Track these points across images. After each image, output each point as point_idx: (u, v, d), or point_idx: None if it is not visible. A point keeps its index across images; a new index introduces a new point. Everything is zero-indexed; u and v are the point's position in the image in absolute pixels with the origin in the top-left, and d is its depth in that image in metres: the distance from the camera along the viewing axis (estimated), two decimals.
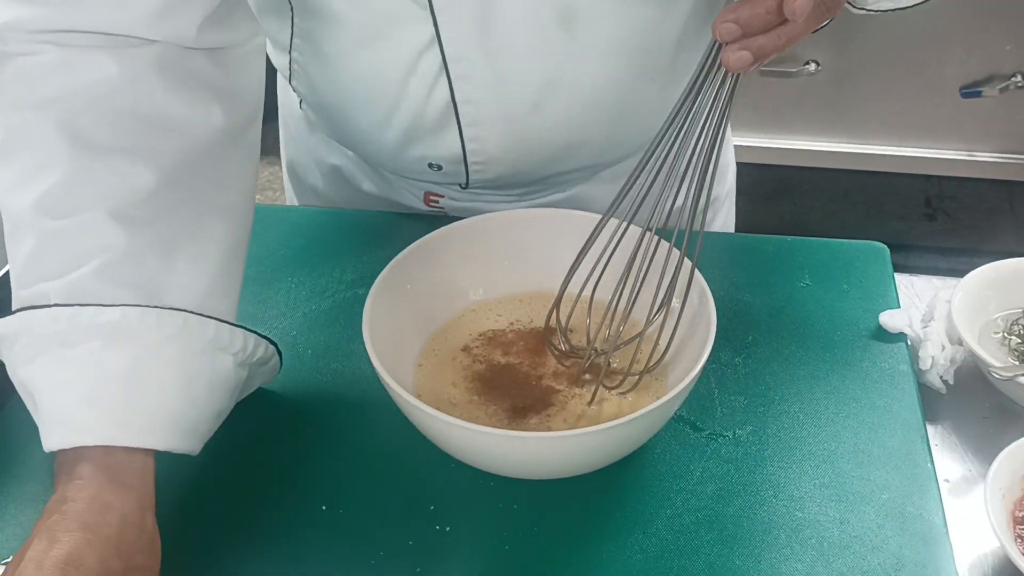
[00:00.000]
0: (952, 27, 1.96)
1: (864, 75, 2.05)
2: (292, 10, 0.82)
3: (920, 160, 2.22)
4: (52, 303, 0.64)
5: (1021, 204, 2.51)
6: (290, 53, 0.87)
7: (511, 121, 0.83)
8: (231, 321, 0.69)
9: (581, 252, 0.74)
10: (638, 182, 0.69)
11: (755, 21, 0.61)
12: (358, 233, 0.96)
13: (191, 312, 0.66)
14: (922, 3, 0.79)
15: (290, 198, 1.13)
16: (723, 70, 0.64)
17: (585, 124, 0.85)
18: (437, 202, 0.99)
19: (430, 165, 0.88)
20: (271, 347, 0.74)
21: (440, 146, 0.85)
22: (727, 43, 0.62)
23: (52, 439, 0.63)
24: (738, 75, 0.65)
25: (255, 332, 0.71)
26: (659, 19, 0.79)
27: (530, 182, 0.93)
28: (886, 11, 0.81)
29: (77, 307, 0.63)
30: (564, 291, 0.75)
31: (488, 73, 0.79)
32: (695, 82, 0.65)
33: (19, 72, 0.67)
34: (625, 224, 0.72)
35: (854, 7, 0.83)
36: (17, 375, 0.65)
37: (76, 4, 0.66)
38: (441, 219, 0.86)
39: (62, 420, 0.62)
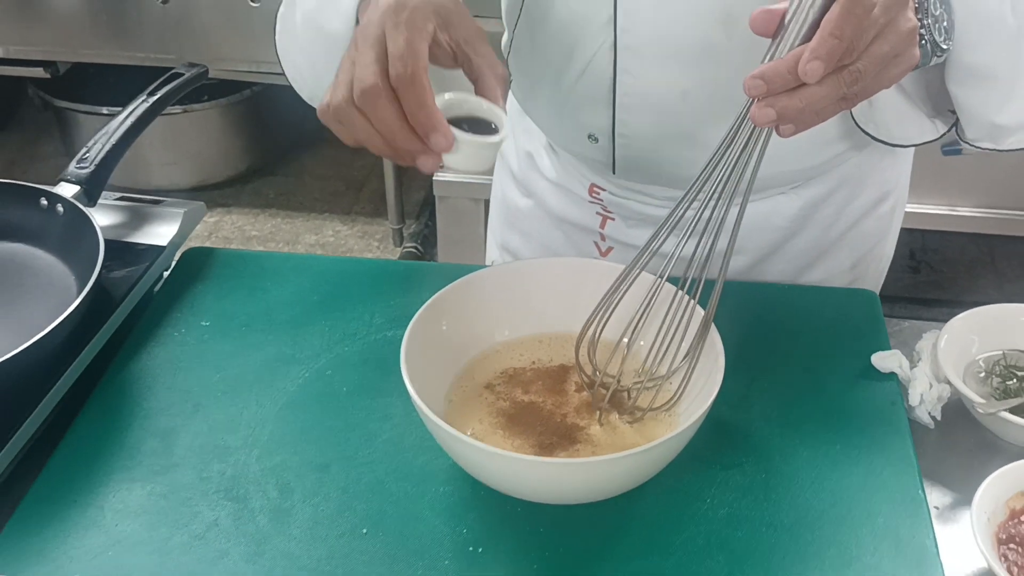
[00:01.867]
0: None
1: None
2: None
3: (904, 215, 2.30)
4: None
5: (1001, 257, 2.60)
6: (514, 31, 1.01)
7: (659, 102, 0.94)
8: None
9: (607, 297, 0.80)
10: (674, 228, 0.76)
11: (777, 79, 0.67)
12: (383, 280, 1.03)
13: None
14: (1018, 150, 0.92)
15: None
16: (751, 125, 0.71)
17: (726, 126, 0.93)
18: (599, 194, 1.09)
19: (589, 136, 0.99)
20: None
21: (598, 114, 0.97)
22: (757, 98, 0.69)
23: None
24: (766, 133, 0.71)
25: None
26: None
27: (668, 181, 1.01)
28: (988, 150, 0.94)
29: None
30: (597, 332, 0.82)
31: (649, 52, 0.91)
32: (731, 133, 0.72)
33: None
34: (660, 280, 0.80)
35: (961, 140, 0.95)
36: None
37: None
38: (466, 268, 0.93)
39: None
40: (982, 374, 0.90)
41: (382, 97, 0.72)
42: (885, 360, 0.89)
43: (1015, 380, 0.88)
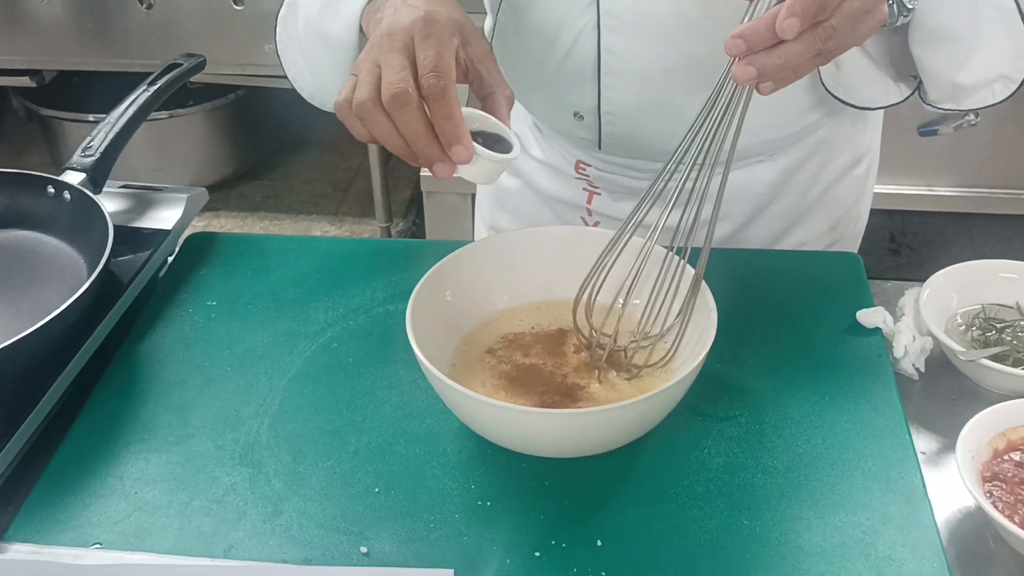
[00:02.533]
0: None
1: None
2: None
3: (882, 195, 2.35)
4: None
5: (979, 235, 2.65)
6: (497, 16, 1.05)
7: (643, 80, 0.97)
8: None
9: (599, 262, 0.84)
10: (658, 197, 0.80)
11: (756, 37, 0.71)
12: (383, 258, 1.06)
13: None
14: (979, 109, 0.95)
15: None
16: (734, 84, 0.74)
17: (706, 95, 0.97)
18: (585, 170, 1.12)
19: (575, 114, 1.02)
20: None
21: (583, 93, 1.00)
22: (736, 57, 0.72)
23: None
24: (746, 96, 0.75)
25: None
26: None
27: (654, 155, 1.04)
28: (949, 110, 0.97)
29: None
30: (592, 295, 0.85)
31: (631, 32, 0.94)
32: (712, 96, 0.75)
33: None
34: (650, 243, 0.83)
35: (923, 102, 0.98)
36: None
37: None
38: (465, 243, 0.96)
39: None
40: (962, 327, 0.94)
41: (412, 104, 0.74)
42: (870, 316, 0.93)
43: (994, 331, 0.92)
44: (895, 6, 0.84)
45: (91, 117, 2.69)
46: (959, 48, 0.91)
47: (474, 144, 0.77)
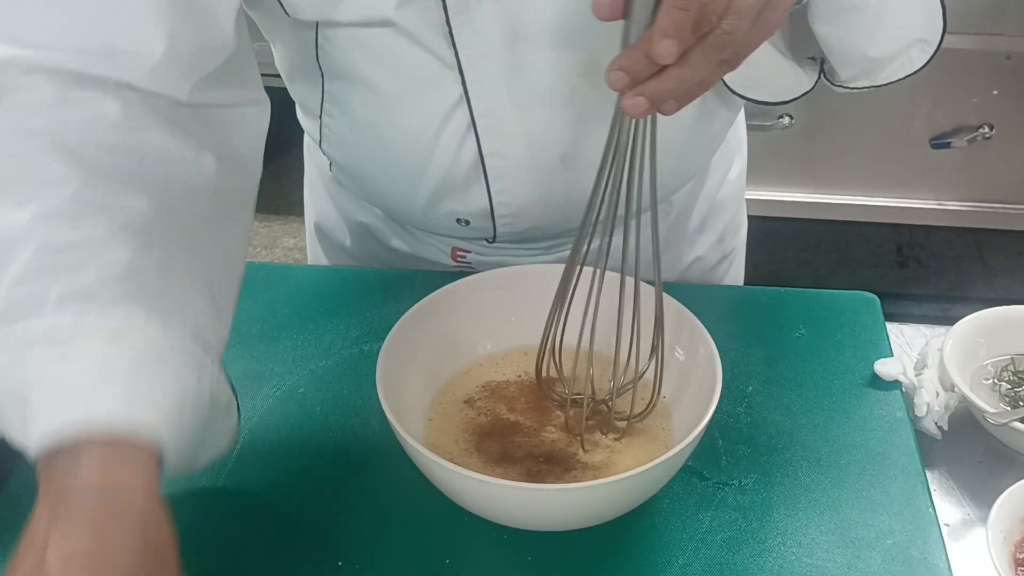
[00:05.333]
0: (920, 81, 2.01)
1: (835, 128, 2.11)
2: (322, 77, 0.85)
3: (891, 209, 2.27)
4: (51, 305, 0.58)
5: (989, 251, 2.57)
6: (320, 118, 0.89)
7: (538, 173, 0.86)
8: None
9: (556, 303, 0.75)
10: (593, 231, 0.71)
11: (638, 66, 0.60)
12: (359, 291, 0.98)
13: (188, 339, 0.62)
14: (896, 81, 0.83)
15: (315, 258, 1.15)
16: (631, 122, 0.65)
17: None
18: (464, 257, 1.01)
19: (458, 220, 0.91)
20: (233, 399, 0.69)
21: (468, 201, 0.88)
22: (622, 91, 0.62)
23: (58, 417, 0.55)
24: (649, 120, 0.65)
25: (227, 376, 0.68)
26: None
27: (556, 235, 0.95)
28: (863, 88, 0.85)
29: (79, 310, 0.58)
30: (551, 341, 0.77)
31: (516, 128, 0.82)
32: (613, 132, 0.66)
33: (15, 104, 0.64)
34: (600, 271, 0.72)
35: (833, 84, 0.87)
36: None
37: (71, 51, 0.65)
38: (448, 275, 0.88)
39: (73, 395, 0.56)
40: (989, 380, 0.86)
41: None
42: (889, 368, 0.85)
43: None
44: None
45: None
46: (867, 17, 0.80)
47: None
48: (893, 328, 0.93)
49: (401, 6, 0.76)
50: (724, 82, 0.86)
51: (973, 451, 0.82)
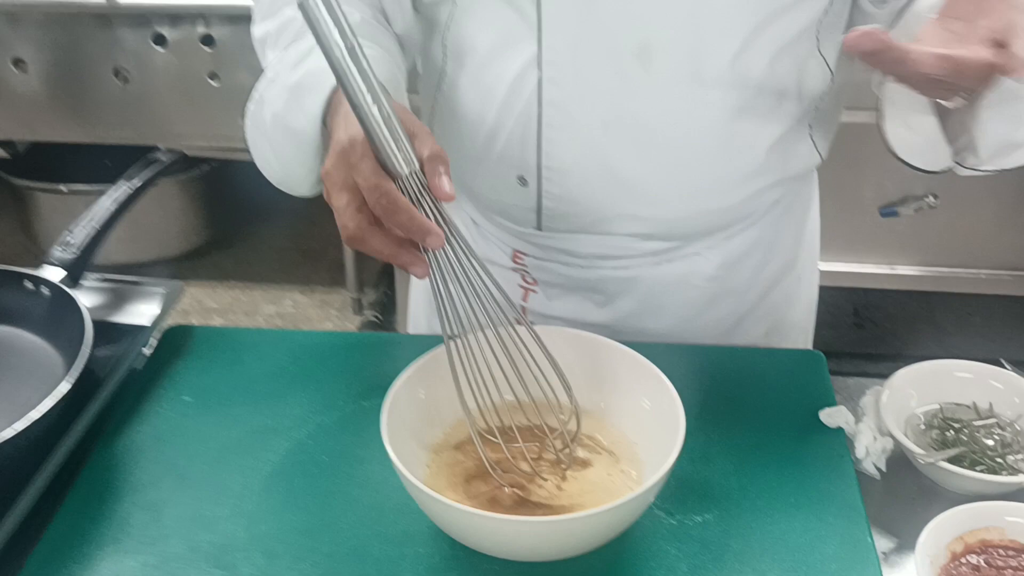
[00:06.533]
0: (868, 152, 2.13)
1: None
2: (445, 56, 1.05)
3: (846, 274, 2.39)
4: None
5: (941, 312, 2.70)
6: (436, 95, 1.08)
7: (582, 133, 1.00)
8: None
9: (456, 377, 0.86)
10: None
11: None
12: (358, 352, 1.08)
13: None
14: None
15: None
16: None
17: (647, 159, 1.01)
18: (522, 260, 1.14)
19: (519, 179, 1.05)
20: None
21: (526, 156, 1.03)
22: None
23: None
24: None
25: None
26: (727, 65, 0.97)
27: (593, 222, 1.07)
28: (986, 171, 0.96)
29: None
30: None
31: (572, 83, 0.98)
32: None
33: None
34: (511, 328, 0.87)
35: (961, 165, 0.97)
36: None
37: None
38: (436, 339, 0.98)
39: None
40: (922, 426, 0.97)
41: (367, 234, 0.80)
42: (832, 416, 0.96)
43: (952, 431, 0.95)
44: None
45: (63, 187, 2.70)
46: None
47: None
48: (838, 381, 1.04)
49: None
50: (891, 148, 0.98)
51: (907, 488, 0.93)
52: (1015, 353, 1.09)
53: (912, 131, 0.96)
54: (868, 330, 2.72)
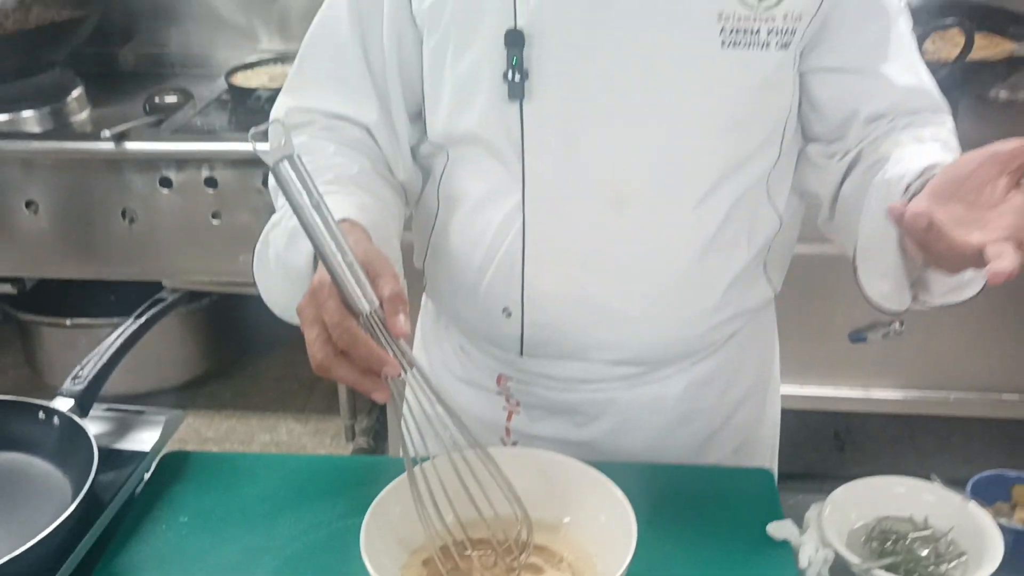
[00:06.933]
0: (836, 281, 2.20)
1: None
2: (439, 200, 1.17)
3: (825, 399, 2.45)
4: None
5: (921, 433, 2.76)
6: (429, 241, 1.20)
7: (562, 270, 1.11)
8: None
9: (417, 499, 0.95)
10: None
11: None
12: (345, 475, 1.16)
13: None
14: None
15: None
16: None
17: (620, 292, 1.12)
18: (506, 384, 1.24)
19: (504, 311, 1.15)
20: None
21: (511, 286, 1.13)
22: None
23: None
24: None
25: None
26: (689, 213, 1.09)
27: (575, 352, 1.17)
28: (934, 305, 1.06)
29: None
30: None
31: (552, 229, 1.10)
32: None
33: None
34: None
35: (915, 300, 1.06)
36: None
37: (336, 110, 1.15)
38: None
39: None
40: (863, 538, 1.05)
41: (333, 364, 0.90)
42: (779, 529, 1.04)
43: (890, 543, 1.03)
44: None
45: (68, 322, 2.80)
46: None
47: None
48: (786, 498, 1.12)
49: (482, 125, 1.09)
50: (863, 289, 1.06)
51: None
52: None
53: (884, 279, 1.06)
54: (849, 452, 2.78)
